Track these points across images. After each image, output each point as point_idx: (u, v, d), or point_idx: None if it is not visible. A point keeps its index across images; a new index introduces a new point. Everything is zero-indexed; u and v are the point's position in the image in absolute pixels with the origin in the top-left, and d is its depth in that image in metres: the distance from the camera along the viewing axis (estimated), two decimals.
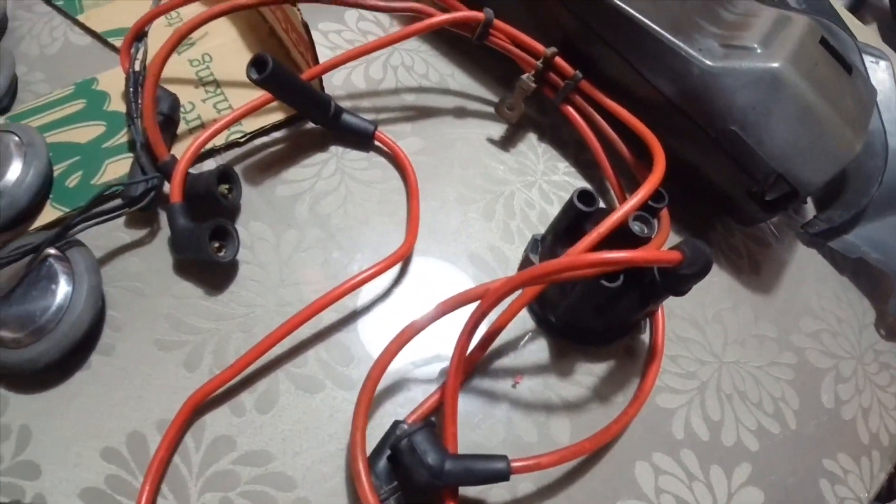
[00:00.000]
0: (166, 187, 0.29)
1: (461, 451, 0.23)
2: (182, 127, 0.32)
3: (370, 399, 0.24)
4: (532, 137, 0.34)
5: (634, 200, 0.26)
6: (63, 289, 0.26)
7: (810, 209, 0.37)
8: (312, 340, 0.27)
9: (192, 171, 0.29)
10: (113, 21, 0.37)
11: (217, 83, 0.34)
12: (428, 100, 0.35)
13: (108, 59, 0.36)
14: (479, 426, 0.26)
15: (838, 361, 0.31)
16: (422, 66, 0.36)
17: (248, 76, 0.27)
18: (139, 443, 0.25)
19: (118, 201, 0.27)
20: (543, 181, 0.32)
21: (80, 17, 0.38)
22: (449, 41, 0.36)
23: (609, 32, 0.30)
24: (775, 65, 0.27)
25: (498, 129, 0.34)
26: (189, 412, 0.24)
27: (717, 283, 0.32)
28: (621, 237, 0.26)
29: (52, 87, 0.35)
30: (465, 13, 0.30)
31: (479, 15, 0.30)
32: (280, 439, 0.25)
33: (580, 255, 0.23)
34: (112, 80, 0.34)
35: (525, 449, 0.26)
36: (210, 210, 0.28)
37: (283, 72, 0.27)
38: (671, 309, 0.30)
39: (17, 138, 0.30)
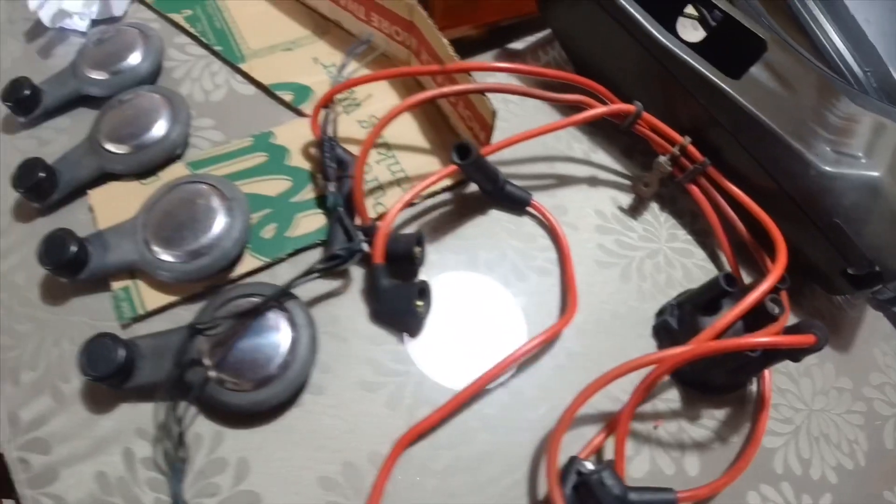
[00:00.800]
0: None
1: None
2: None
3: (562, 435, 0.29)
4: (655, 207, 0.40)
5: (767, 284, 0.32)
6: (287, 338, 0.30)
7: None
8: (496, 386, 0.33)
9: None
10: (279, 74, 0.41)
11: (388, 146, 0.38)
12: (568, 169, 0.40)
13: (277, 112, 0.40)
14: (630, 461, 0.32)
15: None
16: (566, 140, 0.41)
17: (452, 160, 0.32)
18: (354, 472, 0.30)
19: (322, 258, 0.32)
20: (667, 247, 0.38)
21: (243, 67, 0.42)
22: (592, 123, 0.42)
23: (738, 130, 0.36)
24: (876, 174, 0.34)
25: (626, 199, 0.40)
26: (401, 449, 0.30)
27: None
28: (753, 313, 0.32)
29: (222, 134, 0.40)
30: (621, 106, 0.36)
31: (632, 108, 0.36)
32: (468, 470, 0.30)
33: (746, 337, 0.29)
34: (288, 135, 0.39)
35: (666, 481, 0.32)
36: (402, 268, 0.34)
37: (481, 158, 0.32)
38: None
39: (218, 191, 0.34)
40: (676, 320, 0.35)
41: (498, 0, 0.42)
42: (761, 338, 0.29)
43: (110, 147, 0.36)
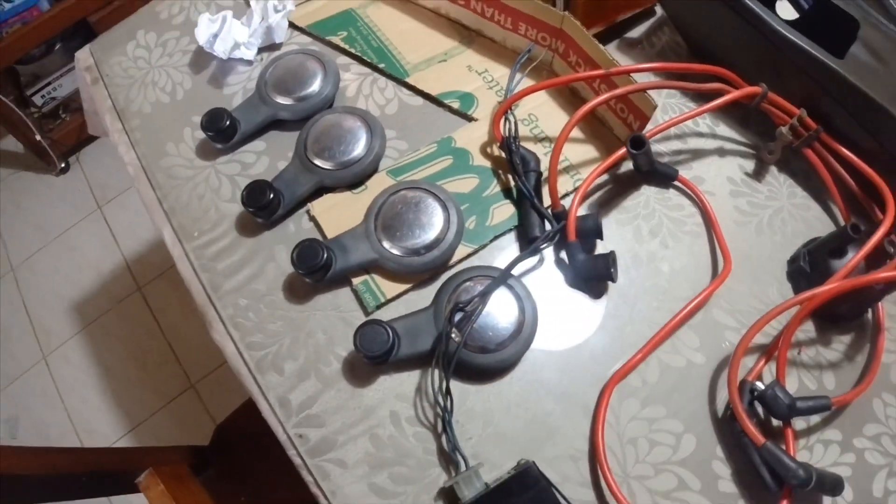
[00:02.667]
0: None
1: None
2: None
3: (739, 362, 0.39)
4: (773, 170, 0.48)
5: (884, 229, 0.40)
6: (514, 308, 0.40)
7: None
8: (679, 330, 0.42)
9: None
10: (442, 84, 0.49)
11: (549, 139, 0.47)
12: (699, 143, 0.48)
13: (447, 119, 0.49)
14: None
15: None
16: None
17: (628, 150, 0.40)
18: (573, 405, 0.39)
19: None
20: (789, 204, 0.47)
21: (409, 80, 0.50)
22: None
23: (846, 102, 0.44)
24: None
25: (750, 165, 0.48)
26: (614, 384, 0.39)
27: None
28: (872, 254, 0.41)
29: (406, 143, 0.48)
30: (750, 89, 0.44)
31: (758, 90, 0.44)
32: (662, 398, 0.40)
33: (874, 274, 0.38)
34: (466, 139, 0.47)
35: (810, 395, 0.42)
36: (586, 242, 0.42)
37: (649, 146, 0.41)
38: None
39: (432, 193, 0.43)
40: (809, 265, 0.44)
41: None
42: (887, 272, 0.38)
43: (321, 164, 0.45)
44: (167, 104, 0.52)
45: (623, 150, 0.43)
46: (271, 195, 0.43)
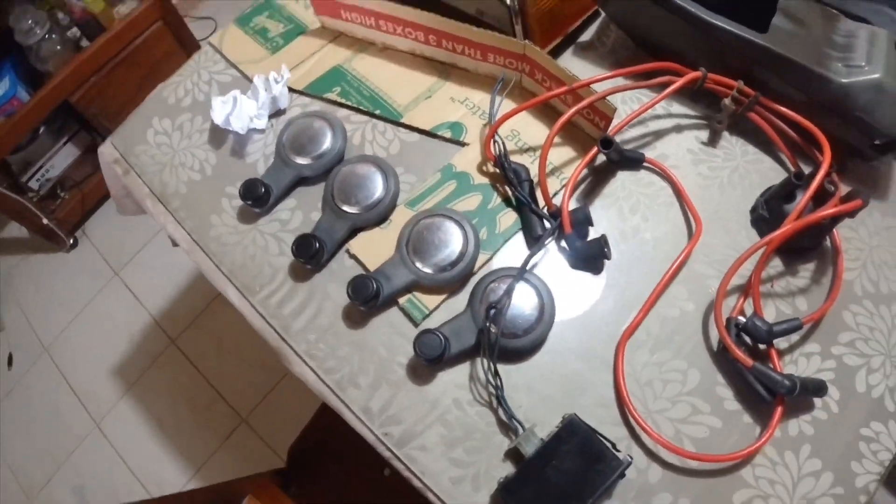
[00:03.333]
0: None
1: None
2: None
3: (722, 301, 0.48)
4: (726, 135, 0.57)
5: (822, 172, 0.49)
6: (537, 299, 0.49)
7: None
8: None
9: None
10: (432, 118, 0.58)
11: (533, 149, 0.56)
12: (658, 125, 0.57)
13: (443, 147, 0.57)
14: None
15: None
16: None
17: (600, 149, 0.49)
18: (597, 361, 0.48)
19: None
20: (743, 161, 0.56)
21: (404, 120, 0.58)
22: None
23: (775, 68, 0.53)
24: (877, 76, 0.50)
25: (704, 135, 0.57)
26: (624, 343, 0.49)
27: None
28: (819, 194, 0.50)
29: (415, 176, 0.56)
30: (692, 74, 0.52)
31: (699, 74, 0.53)
32: (664, 343, 0.49)
33: (818, 212, 0.47)
34: (463, 163, 0.56)
35: (788, 317, 0.51)
36: (579, 230, 0.51)
37: (617, 143, 0.49)
38: None
39: (448, 217, 0.52)
40: (767, 212, 0.53)
41: (571, 10, 0.58)
42: (828, 210, 0.47)
43: (349, 209, 0.53)
44: (199, 181, 0.60)
45: (595, 149, 0.51)
46: (316, 244, 0.51)
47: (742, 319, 0.48)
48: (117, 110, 1.42)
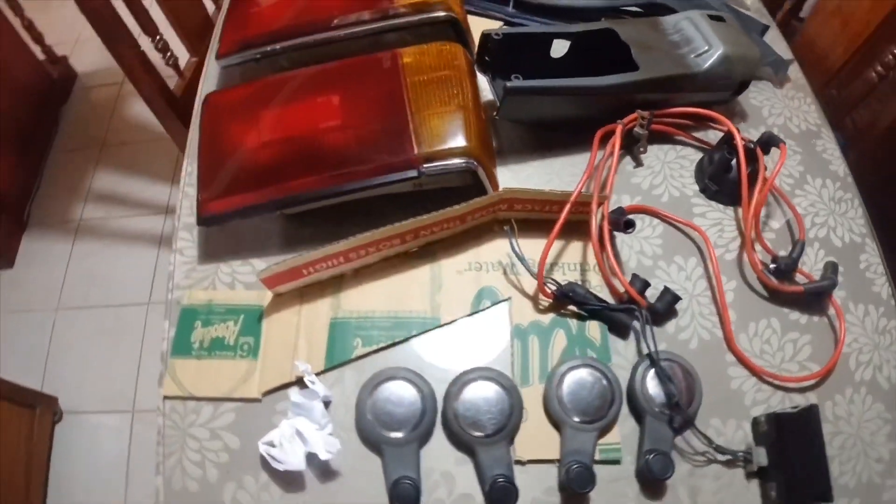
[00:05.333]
0: None
1: None
2: None
3: (752, 246, 0.61)
4: (652, 149, 0.69)
5: (737, 135, 0.64)
6: (681, 371, 0.56)
7: None
8: None
9: None
10: (462, 302, 0.59)
11: (575, 262, 0.61)
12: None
13: (497, 315, 0.59)
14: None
15: None
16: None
17: (625, 230, 0.57)
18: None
19: None
20: (668, 162, 0.69)
21: (443, 323, 0.58)
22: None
23: (655, 89, 0.65)
24: (721, 51, 0.66)
25: (631, 163, 0.68)
26: (734, 343, 0.59)
27: None
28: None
29: (492, 353, 0.58)
30: (615, 135, 0.62)
31: (616, 126, 0.62)
32: (746, 311, 0.61)
33: (777, 168, 0.62)
34: (523, 314, 0.59)
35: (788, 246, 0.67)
36: (663, 300, 0.59)
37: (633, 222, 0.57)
38: None
39: (591, 366, 0.55)
40: (717, 185, 0.66)
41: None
42: (780, 163, 0.62)
43: (477, 432, 0.53)
44: None
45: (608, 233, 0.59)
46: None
47: (773, 265, 0.62)
48: None
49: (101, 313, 1.35)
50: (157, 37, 0.88)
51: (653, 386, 0.55)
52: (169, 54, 0.87)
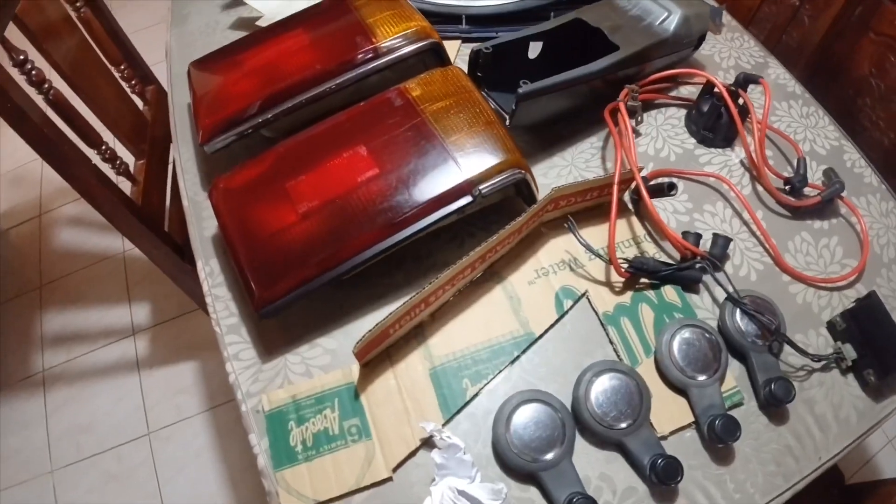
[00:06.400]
0: None
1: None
2: None
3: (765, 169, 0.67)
4: (647, 118, 0.73)
5: (720, 84, 0.70)
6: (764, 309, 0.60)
7: None
8: None
9: None
10: (543, 309, 0.59)
11: (644, 236, 0.63)
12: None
13: (584, 314, 0.60)
14: None
15: None
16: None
17: (668, 194, 0.60)
18: None
19: None
20: (662, 123, 0.73)
21: (537, 334, 0.58)
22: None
23: (639, 62, 0.69)
24: (680, 13, 0.71)
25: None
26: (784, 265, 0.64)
27: None
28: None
29: (601, 352, 0.59)
30: (623, 116, 0.65)
31: (619, 104, 0.66)
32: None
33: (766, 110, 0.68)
34: (605, 302, 0.60)
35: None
36: (717, 245, 0.63)
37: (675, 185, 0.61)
38: None
39: (693, 325, 0.57)
40: (713, 133, 0.71)
41: None
42: (767, 102, 0.68)
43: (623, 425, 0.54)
44: None
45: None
46: None
47: (787, 186, 0.68)
48: None
49: (100, 461, 1.21)
50: (103, 147, 0.80)
51: (744, 324, 0.58)
52: (118, 162, 0.80)
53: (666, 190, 0.61)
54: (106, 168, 0.79)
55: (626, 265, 0.59)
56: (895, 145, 0.95)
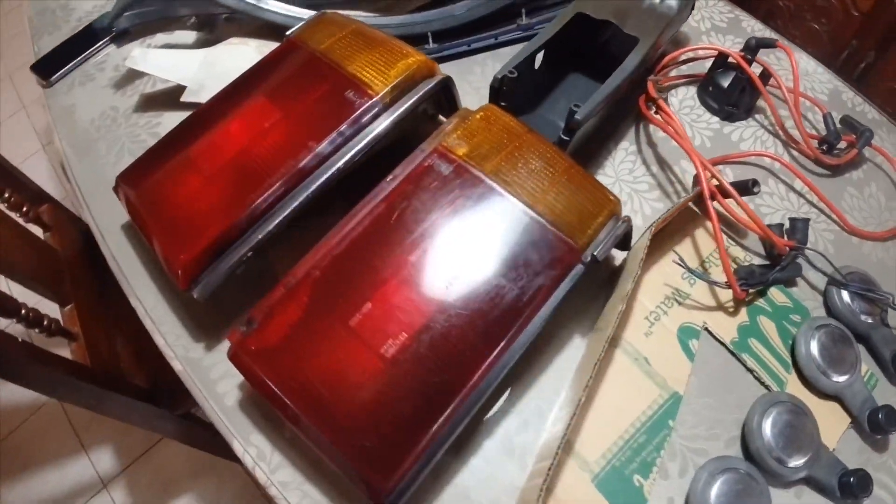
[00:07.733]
0: None
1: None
2: None
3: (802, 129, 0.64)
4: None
5: (735, 53, 0.65)
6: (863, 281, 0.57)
7: None
8: None
9: None
10: (666, 354, 0.52)
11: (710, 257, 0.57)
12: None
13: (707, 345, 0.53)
14: None
15: None
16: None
17: (752, 191, 0.55)
18: None
19: None
20: (681, 112, 0.68)
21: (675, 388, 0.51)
22: None
23: (653, 52, 0.62)
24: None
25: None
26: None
27: None
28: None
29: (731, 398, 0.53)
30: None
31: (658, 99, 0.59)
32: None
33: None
34: (726, 327, 0.54)
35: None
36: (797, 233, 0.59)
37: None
38: None
39: (837, 330, 0.53)
40: (735, 106, 0.67)
41: None
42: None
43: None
44: None
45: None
46: None
47: (824, 145, 0.66)
48: None
49: None
50: (23, 311, 0.58)
51: (857, 304, 0.55)
52: (46, 322, 0.58)
53: (750, 187, 0.55)
54: (34, 333, 0.57)
55: (740, 283, 0.53)
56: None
